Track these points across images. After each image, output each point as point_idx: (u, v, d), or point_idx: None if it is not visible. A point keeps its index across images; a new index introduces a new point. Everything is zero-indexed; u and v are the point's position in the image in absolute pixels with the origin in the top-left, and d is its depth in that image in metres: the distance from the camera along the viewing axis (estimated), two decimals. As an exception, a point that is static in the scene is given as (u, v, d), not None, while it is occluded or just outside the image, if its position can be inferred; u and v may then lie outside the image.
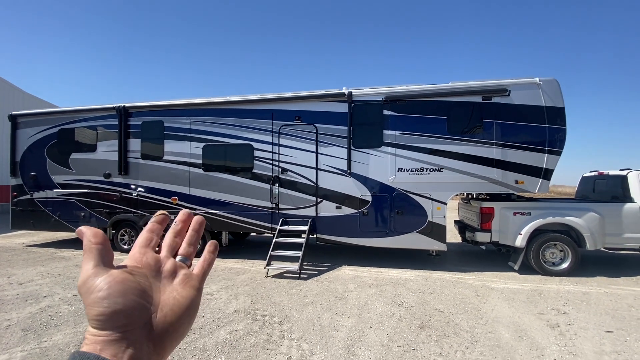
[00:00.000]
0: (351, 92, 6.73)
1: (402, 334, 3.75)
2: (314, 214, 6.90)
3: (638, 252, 6.52)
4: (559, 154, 6.08)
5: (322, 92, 6.93)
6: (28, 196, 8.56)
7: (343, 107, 6.78)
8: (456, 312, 4.42)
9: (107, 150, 7.99)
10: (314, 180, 6.89)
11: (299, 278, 5.91)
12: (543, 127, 6.07)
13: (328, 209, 6.84)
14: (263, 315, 4.26)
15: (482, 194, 7.34)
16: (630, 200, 6.27)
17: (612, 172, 7.01)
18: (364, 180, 6.68)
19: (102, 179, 7.97)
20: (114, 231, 8.06)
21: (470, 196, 7.64)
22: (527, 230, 6.12)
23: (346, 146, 6.73)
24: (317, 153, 6.89)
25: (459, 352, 3.38)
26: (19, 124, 8.80)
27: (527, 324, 4.05)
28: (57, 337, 3.66)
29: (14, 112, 8.94)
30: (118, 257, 5.92)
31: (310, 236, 6.84)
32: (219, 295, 5.00)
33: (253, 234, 9.40)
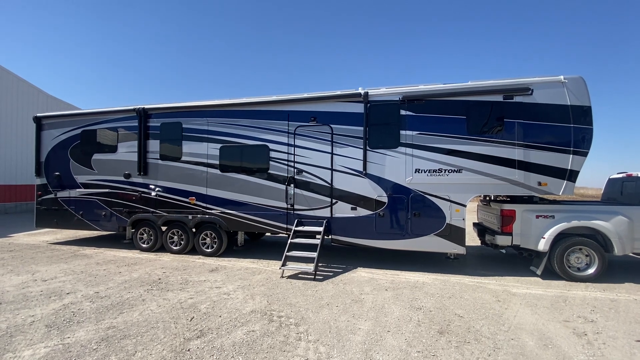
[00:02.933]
0: (367, 92, 6.66)
1: (421, 339, 3.66)
2: (329, 215, 6.86)
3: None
4: (585, 154, 5.84)
5: (338, 92, 6.89)
6: (52, 195, 8.85)
7: (359, 108, 6.72)
8: (477, 317, 4.29)
9: (127, 151, 8.18)
10: (329, 181, 6.85)
11: (314, 279, 5.88)
12: (568, 127, 5.85)
13: (343, 210, 6.79)
14: (279, 317, 4.25)
15: (501, 195, 7.15)
16: (662, 203, 5.96)
17: (641, 174, 6.69)
18: (380, 181, 6.59)
19: (122, 179, 8.16)
20: (133, 230, 8.25)
21: (489, 198, 7.44)
22: (550, 234, 5.91)
23: (362, 147, 6.66)
24: (332, 154, 6.85)
25: (480, 359, 3.27)
26: (43, 126, 9.12)
27: (552, 332, 3.89)
28: (80, 334, 3.74)
29: (38, 114, 9.26)
30: (137, 256, 6.12)
31: (325, 237, 6.80)
32: (235, 295, 5.02)
33: (268, 234, 9.45)
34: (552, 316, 4.36)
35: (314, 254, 6.15)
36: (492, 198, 7.42)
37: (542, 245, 5.96)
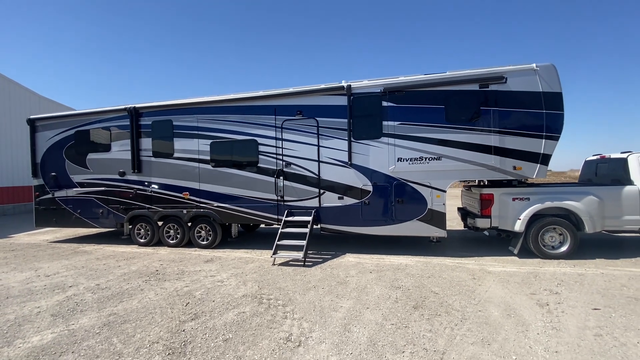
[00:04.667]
0: (350, 85, 6.90)
1: (397, 314, 4.01)
2: (317, 205, 7.16)
3: (638, 234, 6.57)
4: (556, 139, 6.15)
5: (322, 86, 7.13)
6: (50, 195, 9.10)
7: (342, 100, 6.97)
8: (451, 293, 4.64)
9: (121, 150, 8.41)
10: (317, 172, 7.14)
11: (304, 265, 6.21)
12: (540, 113, 6.14)
13: (331, 199, 7.09)
14: (268, 299, 4.58)
15: (483, 181, 7.48)
16: (630, 182, 6.31)
17: (613, 155, 7.02)
18: (364, 171, 6.89)
19: (117, 177, 8.42)
20: (130, 226, 8.54)
21: (472, 183, 7.77)
22: (525, 215, 6.25)
23: (347, 138, 6.93)
24: (318, 146, 7.12)
25: (447, 328, 3.62)
26: (37, 127, 9.31)
27: (518, 304, 4.25)
28: (83, 321, 4.06)
29: (32, 116, 9.44)
30: (135, 251, 6.45)
31: (315, 226, 7.12)
32: (228, 282, 5.35)
33: (262, 225, 9.77)
34: (520, 290, 4.72)
35: (303, 242, 6.47)
36: (476, 183, 7.76)
37: (518, 225, 6.31)
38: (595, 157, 7.68)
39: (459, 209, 8.47)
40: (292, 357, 3.14)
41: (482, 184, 7.53)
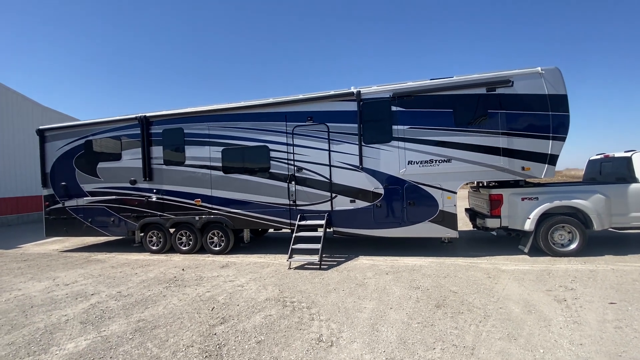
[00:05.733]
0: (359, 91, 7.06)
1: (421, 313, 4.12)
2: (329, 208, 7.28)
3: (645, 230, 6.74)
4: (563, 139, 6.33)
5: (332, 92, 7.28)
6: (60, 205, 9.14)
7: (352, 106, 7.12)
8: (469, 292, 4.77)
9: (131, 158, 8.50)
10: (328, 176, 7.26)
11: (320, 269, 6.32)
12: (547, 115, 6.32)
13: (343, 203, 7.22)
14: (292, 302, 4.68)
15: (491, 182, 7.63)
16: (636, 180, 6.48)
17: (617, 154, 7.21)
18: (375, 174, 7.03)
19: (128, 185, 8.49)
20: (142, 234, 8.60)
21: (480, 184, 7.93)
22: (535, 214, 6.41)
23: (357, 143, 7.07)
24: (329, 151, 7.26)
25: (472, 325, 3.74)
26: (46, 138, 9.38)
27: (536, 300, 4.38)
28: (114, 327, 4.14)
29: (41, 127, 9.52)
30: (148, 258, 6.56)
31: (327, 230, 7.24)
32: (249, 287, 5.44)
33: (271, 230, 9.85)
34: (536, 287, 4.85)
35: (318, 246, 6.58)
36: (483, 184, 7.92)
37: (528, 225, 6.46)
38: (598, 157, 7.87)
39: (466, 209, 8.62)
40: (327, 356, 3.24)
41: (490, 184, 7.69)
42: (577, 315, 3.89)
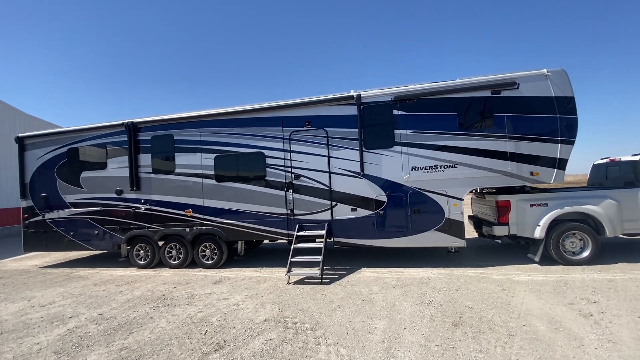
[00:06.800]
0: (360, 94, 6.75)
1: (438, 333, 3.73)
2: (329, 217, 6.89)
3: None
4: (572, 143, 6.10)
5: (331, 96, 6.96)
6: (40, 217, 8.54)
7: (352, 110, 6.80)
8: (486, 307, 4.40)
9: (117, 167, 7.99)
10: (328, 184, 6.88)
11: (321, 283, 5.89)
12: (554, 118, 6.10)
13: (343, 212, 6.83)
14: (294, 323, 4.24)
15: (493, 187, 7.34)
16: (645, 184, 6.27)
17: (624, 158, 7.02)
18: (378, 181, 6.68)
19: (114, 195, 7.97)
20: (128, 247, 8.04)
21: (483, 191, 7.64)
22: (545, 221, 6.12)
23: (358, 148, 6.73)
24: (329, 157, 6.89)
25: (498, 347, 3.36)
26: (26, 146, 8.82)
27: (560, 315, 4.03)
28: (92, 358, 3.63)
29: (20, 134, 8.96)
30: (135, 274, 6.00)
31: (327, 240, 6.82)
32: (245, 305, 4.98)
33: (266, 241, 9.39)
34: (556, 300, 4.52)
35: (319, 258, 6.16)
36: (486, 190, 7.63)
37: (538, 232, 6.16)
38: (604, 161, 7.69)
39: (469, 217, 8.31)
40: (339, 390, 2.81)
41: (492, 190, 7.40)
42: (610, 333, 3.55)
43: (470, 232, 8.51)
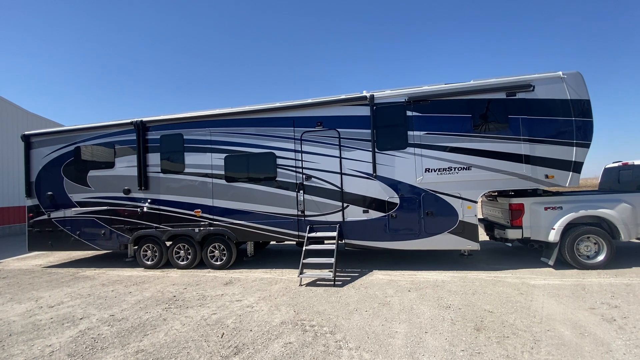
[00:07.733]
0: (373, 95, 6.70)
1: (461, 338, 3.66)
2: (340, 219, 6.81)
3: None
4: (587, 146, 6.05)
5: (343, 96, 6.90)
6: (45, 216, 8.45)
7: (365, 111, 6.75)
8: (506, 311, 4.33)
9: (126, 166, 7.91)
10: (339, 185, 6.82)
11: (334, 285, 5.81)
12: (570, 120, 6.05)
13: (355, 213, 6.76)
14: (312, 326, 4.16)
15: (505, 190, 7.28)
16: (660, 188, 6.23)
17: (637, 162, 6.98)
18: (390, 182, 6.62)
19: (122, 195, 7.88)
20: (135, 247, 7.96)
21: (496, 193, 7.58)
22: (560, 224, 6.06)
23: (370, 149, 6.67)
24: (340, 158, 6.83)
25: (525, 352, 3.30)
26: (32, 144, 8.73)
27: (583, 320, 3.97)
28: (109, 360, 3.55)
29: (26, 132, 8.87)
30: (143, 274, 5.91)
31: (339, 242, 6.75)
32: (259, 307, 4.90)
33: (273, 242, 9.31)
34: (577, 304, 4.45)
35: (332, 260, 6.09)
36: (498, 193, 7.57)
37: (553, 236, 6.11)
38: (616, 164, 7.65)
39: (480, 220, 8.23)
40: (368, 396, 2.74)
41: (504, 193, 7.33)
42: (636, 338, 3.49)
43: (481, 234, 8.45)
